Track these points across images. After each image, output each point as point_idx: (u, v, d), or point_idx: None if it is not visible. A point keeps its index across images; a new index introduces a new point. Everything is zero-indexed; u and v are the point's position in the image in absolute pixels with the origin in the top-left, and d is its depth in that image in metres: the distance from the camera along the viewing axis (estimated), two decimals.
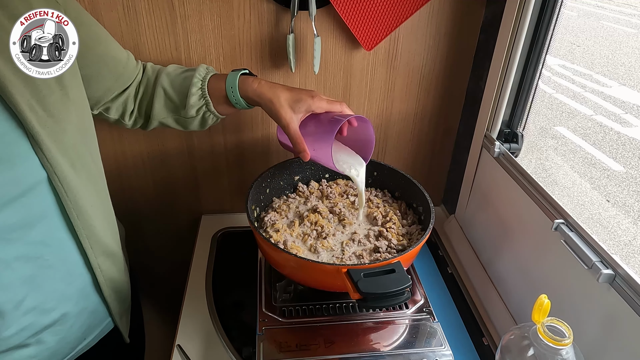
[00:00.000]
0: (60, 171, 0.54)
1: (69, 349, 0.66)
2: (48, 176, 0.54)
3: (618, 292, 0.55)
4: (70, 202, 0.57)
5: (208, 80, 0.72)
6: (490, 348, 0.74)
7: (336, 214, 0.84)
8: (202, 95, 0.72)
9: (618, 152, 3.05)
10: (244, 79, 0.71)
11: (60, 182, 0.55)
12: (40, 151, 0.52)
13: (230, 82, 0.71)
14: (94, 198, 0.62)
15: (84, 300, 0.64)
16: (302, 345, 0.68)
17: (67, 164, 0.55)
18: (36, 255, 0.56)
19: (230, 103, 0.72)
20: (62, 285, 0.60)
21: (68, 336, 0.64)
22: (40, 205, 0.55)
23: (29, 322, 0.58)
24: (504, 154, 0.82)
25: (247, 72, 0.74)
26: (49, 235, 0.57)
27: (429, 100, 0.97)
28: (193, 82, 0.71)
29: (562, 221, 0.65)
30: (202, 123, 0.76)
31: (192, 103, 0.72)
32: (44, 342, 0.61)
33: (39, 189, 0.54)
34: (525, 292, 0.75)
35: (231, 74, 0.72)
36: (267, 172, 0.86)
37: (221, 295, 0.84)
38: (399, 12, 0.84)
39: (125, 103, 0.75)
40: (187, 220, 1.08)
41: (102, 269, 0.64)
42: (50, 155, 0.53)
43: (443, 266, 0.94)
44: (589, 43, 5.04)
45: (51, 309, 0.60)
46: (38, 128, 0.51)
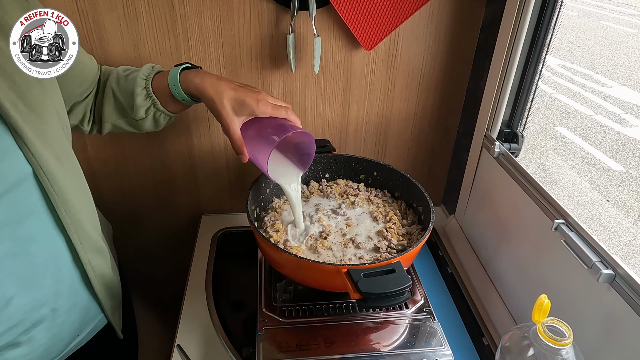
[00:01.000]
0: (46, 165, 0.54)
1: (62, 346, 0.65)
2: (34, 171, 0.54)
3: (618, 292, 0.55)
4: (57, 196, 0.56)
5: (152, 79, 0.70)
6: (490, 348, 0.74)
7: (337, 213, 0.84)
8: (148, 95, 0.70)
9: (618, 152, 3.05)
10: (186, 74, 0.68)
11: (47, 177, 0.54)
12: (24, 146, 0.52)
13: (172, 79, 0.68)
14: (79, 193, 0.61)
15: (74, 296, 0.64)
16: (302, 345, 0.68)
17: (52, 158, 0.55)
18: (24, 251, 0.55)
19: (177, 100, 0.71)
20: (51, 281, 0.60)
21: (60, 333, 0.63)
22: (27, 201, 0.55)
23: (19, 319, 0.57)
24: (504, 154, 0.82)
25: (189, 66, 0.71)
26: (37, 231, 0.56)
27: (429, 100, 0.97)
28: (137, 82, 0.69)
29: (562, 221, 0.65)
30: (155, 123, 0.74)
31: (139, 103, 0.70)
32: (35, 340, 0.60)
33: (25, 184, 0.54)
34: (525, 292, 0.75)
35: (172, 70, 0.69)
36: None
37: (221, 295, 0.84)
38: (398, 12, 0.84)
39: (86, 109, 0.73)
40: (187, 220, 1.08)
41: (92, 264, 0.64)
42: (35, 149, 0.53)
43: (443, 266, 0.94)
44: (589, 43, 5.04)
45: (41, 305, 0.59)
46: (21, 123, 0.51)
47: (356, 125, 0.99)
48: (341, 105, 0.96)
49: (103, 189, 0.99)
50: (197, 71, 0.69)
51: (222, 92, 0.66)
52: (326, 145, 0.92)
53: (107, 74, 0.74)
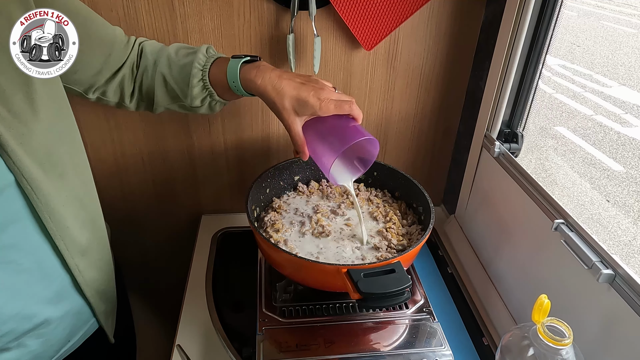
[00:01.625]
0: (28, 174, 0.52)
1: (53, 351, 0.64)
2: (16, 179, 0.52)
3: (618, 292, 0.55)
4: (41, 204, 0.54)
5: (209, 70, 0.68)
6: (490, 348, 0.74)
7: (336, 214, 0.84)
8: (205, 87, 0.68)
9: (618, 152, 3.05)
10: (246, 71, 0.66)
11: (30, 185, 0.53)
12: (5, 154, 0.50)
13: (231, 76, 0.66)
14: (67, 198, 0.59)
15: (65, 302, 0.62)
16: (302, 345, 0.68)
17: (35, 166, 0.53)
18: (8, 260, 0.54)
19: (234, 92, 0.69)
20: (39, 289, 0.58)
21: (51, 339, 0.62)
22: (10, 209, 0.53)
23: (9, 329, 0.56)
24: (504, 154, 0.82)
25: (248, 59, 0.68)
26: (21, 238, 0.55)
27: (429, 100, 0.97)
28: (193, 73, 0.67)
29: (562, 221, 0.65)
30: (211, 109, 0.73)
31: (195, 94, 0.68)
32: (26, 346, 0.59)
33: (7, 192, 0.52)
34: (525, 292, 0.75)
35: (231, 64, 0.66)
36: (267, 172, 0.86)
37: (221, 295, 0.84)
38: (398, 12, 0.84)
39: (122, 85, 0.71)
40: (187, 220, 1.08)
41: (81, 269, 0.62)
42: (17, 158, 0.51)
43: (443, 266, 0.94)
44: (589, 43, 5.04)
45: (32, 314, 0.58)
46: (2, 130, 0.49)
47: None
48: None
49: (103, 190, 0.99)
50: (257, 69, 0.66)
51: (284, 92, 0.64)
52: None
53: (156, 55, 0.71)
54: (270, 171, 0.86)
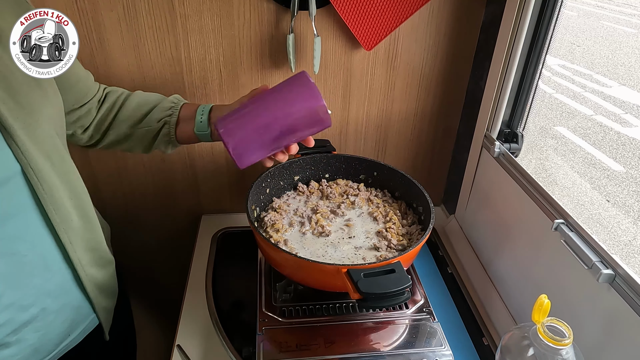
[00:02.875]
0: (35, 164, 0.53)
1: (52, 345, 0.64)
2: (22, 169, 0.53)
3: (618, 292, 0.55)
4: (46, 195, 0.55)
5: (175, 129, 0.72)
6: (490, 348, 0.74)
7: (336, 214, 0.84)
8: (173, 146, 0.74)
9: (618, 152, 3.05)
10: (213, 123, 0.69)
11: (36, 175, 0.54)
12: (13, 143, 0.51)
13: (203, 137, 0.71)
14: (71, 192, 0.60)
15: (65, 296, 0.63)
16: (302, 345, 0.68)
17: (42, 156, 0.54)
18: (11, 250, 0.54)
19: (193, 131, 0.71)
20: (40, 281, 0.59)
21: (49, 332, 0.63)
22: (15, 199, 0.54)
23: (6, 319, 0.56)
24: (504, 154, 0.82)
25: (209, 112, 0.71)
26: (25, 230, 0.55)
27: (429, 100, 0.97)
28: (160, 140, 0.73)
29: (562, 221, 0.65)
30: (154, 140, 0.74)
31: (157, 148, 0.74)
32: (24, 340, 0.59)
33: (13, 182, 0.53)
34: (525, 292, 0.75)
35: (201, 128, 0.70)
36: (267, 172, 0.86)
37: (221, 295, 0.84)
38: (398, 12, 0.84)
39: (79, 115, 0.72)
40: (187, 220, 1.08)
41: (83, 263, 0.63)
42: (25, 147, 0.52)
43: (443, 266, 0.94)
44: (589, 43, 5.04)
45: (29, 305, 0.58)
46: (11, 120, 0.50)
47: (356, 125, 0.99)
48: (341, 105, 0.96)
49: (103, 189, 0.99)
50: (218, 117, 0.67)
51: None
52: (326, 145, 0.92)
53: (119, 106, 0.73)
54: (270, 171, 0.86)
